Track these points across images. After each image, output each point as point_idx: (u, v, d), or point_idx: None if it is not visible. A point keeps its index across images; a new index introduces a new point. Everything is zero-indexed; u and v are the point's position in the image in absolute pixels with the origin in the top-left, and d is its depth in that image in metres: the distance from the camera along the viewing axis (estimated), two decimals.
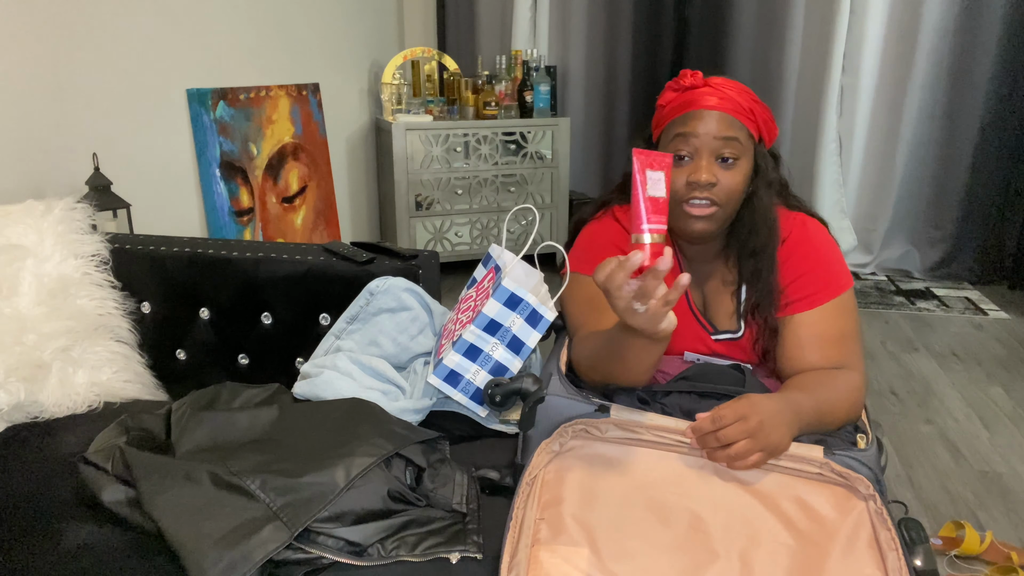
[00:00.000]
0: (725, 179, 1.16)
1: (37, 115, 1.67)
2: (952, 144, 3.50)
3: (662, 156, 0.95)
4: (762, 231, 1.21)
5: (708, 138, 1.15)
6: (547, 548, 0.89)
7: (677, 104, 1.19)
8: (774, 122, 1.24)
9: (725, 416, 0.97)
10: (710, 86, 1.19)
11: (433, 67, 3.70)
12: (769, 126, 1.22)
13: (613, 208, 1.33)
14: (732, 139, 1.15)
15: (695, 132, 1.15)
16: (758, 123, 1.20)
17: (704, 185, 1.14)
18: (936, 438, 2.15)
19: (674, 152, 1.17)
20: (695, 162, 1.16)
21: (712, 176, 1.14)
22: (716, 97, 1.16)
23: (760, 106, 1.20)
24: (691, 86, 1.19)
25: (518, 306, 1.22)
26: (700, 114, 1.16)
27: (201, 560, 0.84)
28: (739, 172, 1.17)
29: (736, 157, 1.16)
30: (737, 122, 1.16)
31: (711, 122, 1.15)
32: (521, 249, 1.32)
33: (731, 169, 1.16)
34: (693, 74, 1.20)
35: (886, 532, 0.91)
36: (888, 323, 3.08)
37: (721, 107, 1.16)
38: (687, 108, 1.17)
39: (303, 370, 1.28)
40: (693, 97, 1.18)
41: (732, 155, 1.16)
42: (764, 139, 1.23)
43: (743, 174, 1.18)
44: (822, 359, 1.18)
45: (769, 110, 1.22)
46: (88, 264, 1.42)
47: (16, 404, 1.22)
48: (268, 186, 2.61)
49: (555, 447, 1.04)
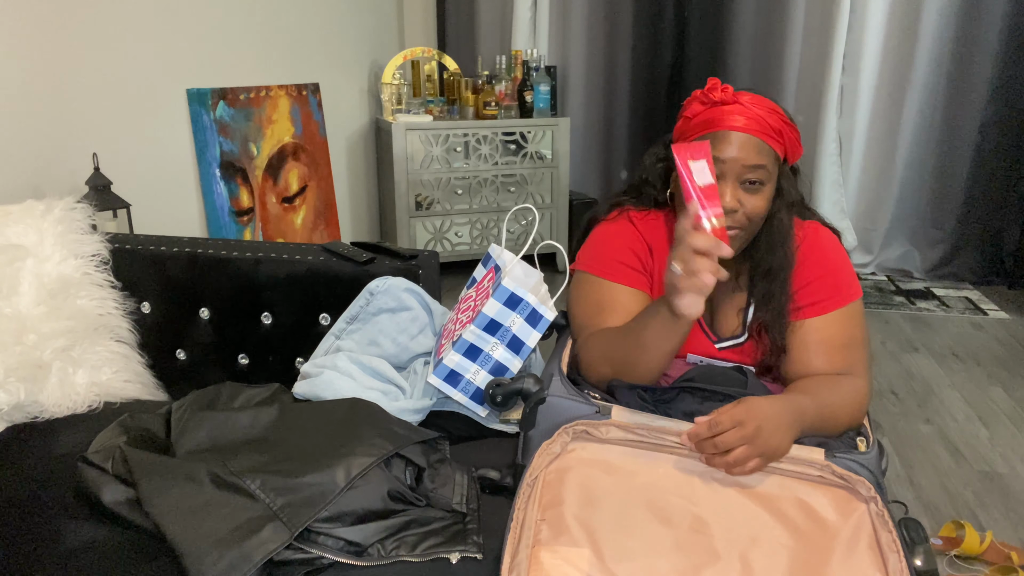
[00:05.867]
0: (749, 203, 1.13)
1: (37, 115, 1.67)
2: (952, 144, 3.51)
3: (699, 145, 0.98)
4: (779, 253, 1.19)
5: (735, 164, 1.12)
6: (548, 549, 0.89)
7: (704, 119, 1.15)
8: (800, 142, 1.20)
9: (722, 422, 0.97)
10: (740, 104, 1.14)
11: (433, 67, 3.70)
12: (795, 146, 1.19)
13: (629, 211, 1.30)
14: (759, 167, 1.12)
15: (721, 157, 1.11)
16: (785, 144, 1.17)
17: (728, 211, 1.11)
18: (936, 438, 2.15)
19: None
20: (719, 185, 1.12)
21: (736, 201, 1.12)
22: (745, 117, 1.12)
23: (789, 126, 1.16)
24: (720, 101, 1.15)
25: (518, 306, 1.22)
26: (728, 136, 1.12)
27: (201, 560, 0.84)
28: (763, 197, 1.15)
29: (762, 182, 1.14)
30: (765, 146, 1.13)
31: (738, 146, 1.11)
32: (521, 249, 1.32)
33: (756, 193, 1.14)
34: (723, 87, 1.15)
35: (887, 534, 0.91)
36: (888, 323, 3.08)
37: (749, 129, 1.12)
38: (714, 127, 1.14)
39: (303, 370, 1.28)
40: (721, 115, 1.13)
41: (758, 179, 1.13)
42: (789, 158, 1.20)
43: (767, 198, 1.15)
44: (828, 365, 1.18)
45: (797, 130, 1.18)
46: (88, 264, 1.42)
47: (16, 404, 1.22)
48: (268, 186, 2.61)
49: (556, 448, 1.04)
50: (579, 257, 1.31)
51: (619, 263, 1.25)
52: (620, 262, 1.25)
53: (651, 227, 1.27)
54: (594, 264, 1.27)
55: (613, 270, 1.24)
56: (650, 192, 1.29)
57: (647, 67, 3.90)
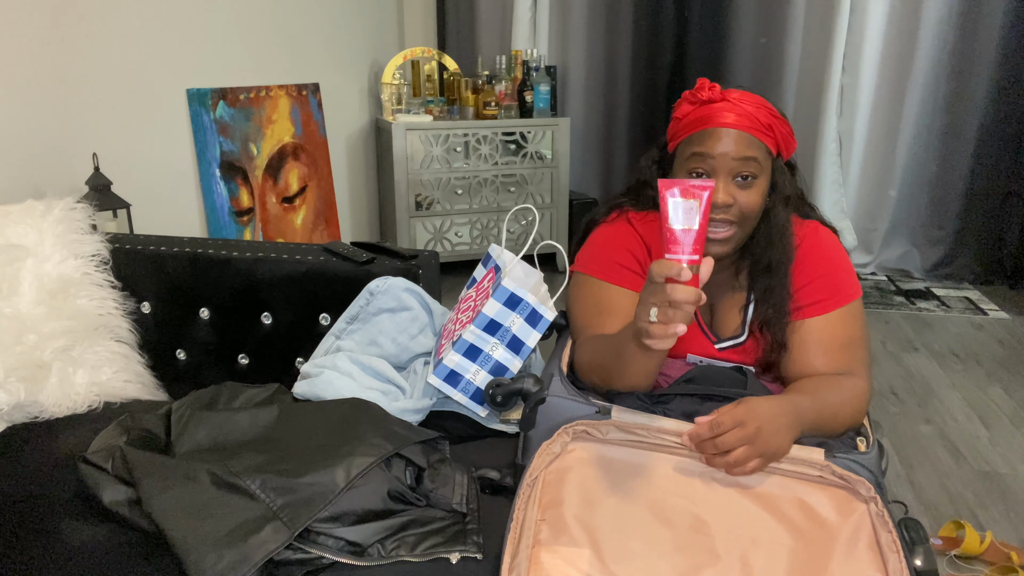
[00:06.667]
0: (742, 198, 1.14)
1: (37, 115, 1.67)
2: (952, 144, 3.50)
3: (701, 185, 0.90)
4: (778, 247, 1.19)
5: (726, 159, 1.13)
6: (548, 549, 0.89)
7: (694, 119, 1.17)
8: (793, 136, 1.21)
9: (723, 423, 0.97)
10: (728, 100, 1.15)
11: (433, 67, 3.70)
12: (788, 140, 1.20)
13: (628, 213, 1.30)
14: (750, 159, 1.13)
15: (711, 153, 1.13)
16: (776, 139, 1.17)
17: (721, 206, 1.12)
18: (936, 438, 2.15)
19: (691, 170, 1.15)
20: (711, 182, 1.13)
21: (729, 197, 1.13)
22: (734, 114, 1.13)
23: (779, 121, 1.17)
24: (709, 100, 1.16)
25: (518, 306, 1.22)
26: (717, 133, 1.13)
27: (201, 560, 0.84)
28: (757, 191, 1.15)
29: (754, 176, 1.14)
30: (755, 140, 1.14)
31: (728, 142, 1.13)
32: (521, 249, 1.32)
33: (749, 188, 1.14)
34: (711, 86, 1.17)
35: (887, 534, 0.91)
36: (888, 323, 3.08)
37: (739, 124, 1.13)
38: (704, 125, 1.15)
39: (303, 370, 1.28)
40: (710, 113, 1.15)
41: (750, 173, 1.14)
42: (782, 153, 1.20)
43: (760, 192, 1.16)
44: (827, 364, 1.18)
45: (788, 124, 1.20)
46: (88, 264, 1.42)
47: (16, 404, 1.22)
48: (268, 186, 2.61)
49: (556, 448, 1.04)
50: (578, 258, 1.31)
51: (618, 265, 1.25)
52: (619, 264, 1.25)
53: (650, 229, 1.27)
54: (592, 266, 1.27)
55: (611, 272, 1.25)
56: (649, 194, 1.29)
57: (647, 67, 3.90)
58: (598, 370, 1.16)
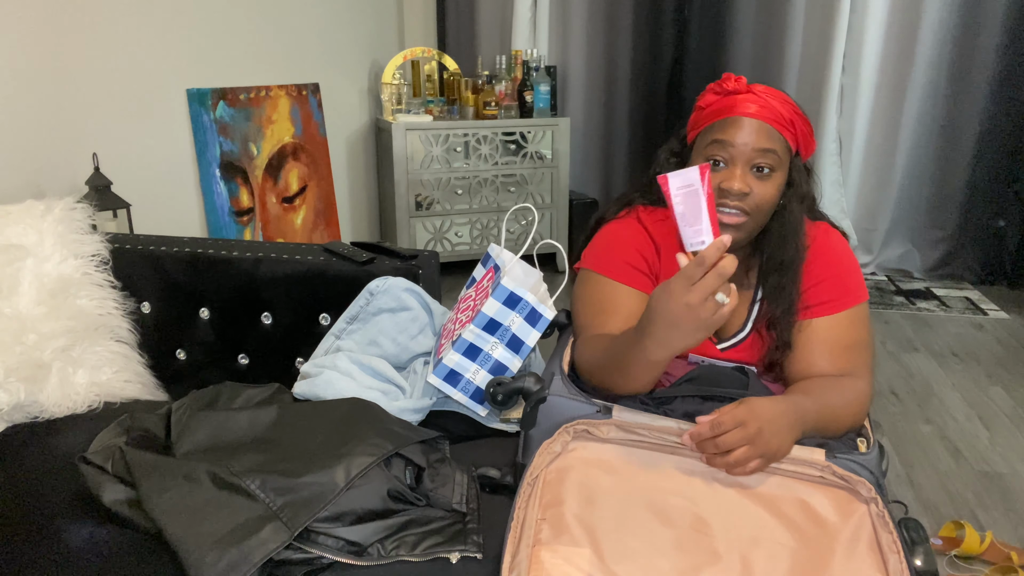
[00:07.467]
0: (758, 189, 1.13)
1: (37, 115, 1.67)
2: (952, 144, 3.51)
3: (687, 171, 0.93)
4: (790, 245, 1.19)
5: (745, 148, 1.13)
6: (548, 548, 0.89)
7: (717, 108, 1.17)
8: (813, 137, 1.21)
9: (724, 422, 0.96)
10: (753, 93, 1.16)
11: (433, 67, 3.70)
12: (807, 139, 1.20)
13: (637, 208, 1.30)
14: (769, 151, 1.13)
15: (732, 141, 1.13)
16: (797, 135, 1.18)
17: (736, 194, 1.12)
18: (936, 438, 2.15)
19: (709, 157, 1.15)
20: (729, 170, 1.13)
21: (745, 185, 1.12)
22: (757, 105, 1.14)
23: (801, 118, 1.18)
24: (733, 91, 1.17)
25: (517, 305, 1.22)
26: (739, 122, 1.14)
27: (201, 560, 0.84)
28: (773, 184, 1.15)
29: (772, 168, 1.14)
30: (776, 133, 1.14)
31: (749, 131, 1.13)
32: (521, 249, 1.32)
33: (766, 180, 1.14)
34: (737, 79, 1.17)
35: (887, 535, 0.91)
36: (888, 323, 3.08)
37: (761, 115, 1.13)
38: (726, 113, 1.15)
39: (303, 370, 1.28)
40: (734, 103, 1.15)
41: (768, 165, 1.14)
42: (801, 152, 1.21)
43: (777, 186, 1.16)
44: (831, 366, 1.17)
45: (809, 123, 1.20)
46: (88, 264, 1.42)
47: (16, 404, 1.22)
48: (268, 186, 2.61)
49: (556, 447, 1.04)
50: (585, 255, 1.29)
51: (624, 263, 1.24)
52: (626, 262, 1.24)
53: (660, 227, 1.26)
54: (599, 263, 1.26)
55: (618, 270, 1.24)
56: None
57: (647, 67, 3.90)
58: (598, 371, 1.15)
